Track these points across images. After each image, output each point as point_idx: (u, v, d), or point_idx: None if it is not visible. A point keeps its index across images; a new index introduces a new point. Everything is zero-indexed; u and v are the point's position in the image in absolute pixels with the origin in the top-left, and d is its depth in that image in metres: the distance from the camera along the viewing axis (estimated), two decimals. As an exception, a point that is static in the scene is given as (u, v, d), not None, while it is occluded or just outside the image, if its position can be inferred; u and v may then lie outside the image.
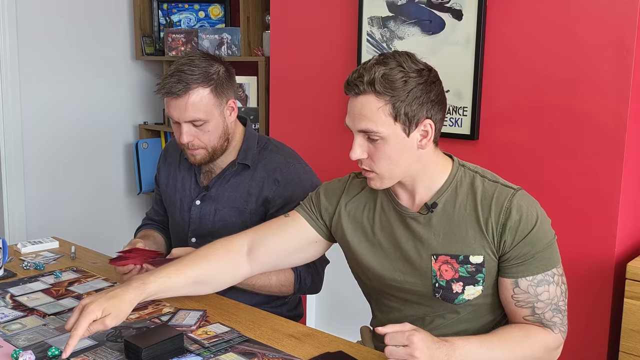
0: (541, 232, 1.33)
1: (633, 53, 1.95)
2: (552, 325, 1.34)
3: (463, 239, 1.36)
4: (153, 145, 3.60)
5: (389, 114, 1.30)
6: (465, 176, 1.40)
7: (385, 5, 2.46)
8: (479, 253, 1.35)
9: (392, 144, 1.32)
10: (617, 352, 1.98)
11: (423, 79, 1.31)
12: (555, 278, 1.35)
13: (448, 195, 1.39)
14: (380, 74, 1.29)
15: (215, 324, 1.50)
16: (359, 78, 1.31)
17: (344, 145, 2.68)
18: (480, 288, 1.37)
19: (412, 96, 1.29)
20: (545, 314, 1.34)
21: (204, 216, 1.87)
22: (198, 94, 1.71)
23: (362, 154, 1.35)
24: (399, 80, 1.29)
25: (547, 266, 1.34)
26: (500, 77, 2.22)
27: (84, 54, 3.41)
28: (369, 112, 1.30)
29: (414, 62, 1.32)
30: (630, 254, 2.11)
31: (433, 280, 1.39)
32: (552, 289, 1.34)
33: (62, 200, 3.41)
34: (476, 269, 1.36)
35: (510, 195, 1.35)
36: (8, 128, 3.15)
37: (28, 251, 2.04)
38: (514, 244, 1.33)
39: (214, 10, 3.55)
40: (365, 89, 1.30)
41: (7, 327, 1.49)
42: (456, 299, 1.38)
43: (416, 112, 1.31)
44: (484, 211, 1.35)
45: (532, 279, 1.33)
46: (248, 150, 1.85)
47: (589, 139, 2.05)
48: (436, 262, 1.38)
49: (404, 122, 1.31)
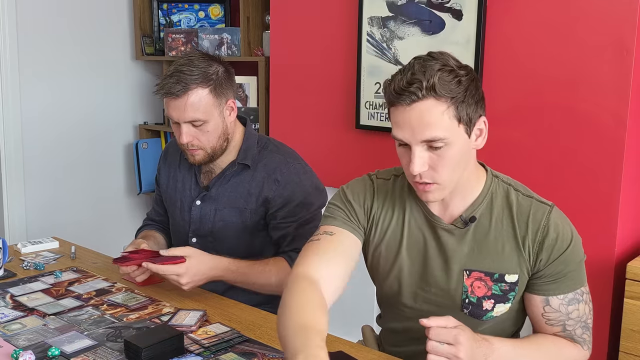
0: (574, 252, 1.32)
1: (633, 53, 1.95)
2: (582, 341, 1.35)
3: (499, 256, 1.31)
4: (153, 145, 3.60)
5: (453, 117, 1.21)
6: (499, 188, 1.34)
7: (385, 5, 2.46)
8: (514, 272, 1.31)
9: (457, 148, 1.23)
10: (617, 352, 1.98)
11: (471, 77, 1.24)
12: (585, 297, 1.34)
13: (484, 208, 1.32)
14: (437, 76, 1.19)
15: (215, 324, 1.50)
16: (415, 84, 1.19)
17: (344, 145, 2.69)
18: (509, 305, 1.34)
19: (469, 95, 1.22)
20: (576, 330, 1.34)
21: (204, 216, 1.87)
22: (197, 95, 1.71)
23: (423, 166, 1.23)
24: (453, 81, 1.20)
25: (576, 285, 1.33)
26: (500, 77, 2.22)
27: (84, 54, 3.41)
28: (433, 119, 1.19)
29: (456, 60, 1.25)
30: (630, 254, 2.11)
31: (463, 295, 1.33)
32: (581, 308, 1.33)
33: (62, 200, 3.40)
34: (510, 287, 1.32)
35: (547, 213, 1.30)
36: (8, 129, 3.15)
37: (28, 251, 2.04)
38: (549, 263, 1.30)
39: (214, 10, 3.55)
40: (425, 94, 1.19)
41: (7, 327, 1.49)
42: (485, 315, 1.33)
43: (474, 111, 1.24)
44: (521, 228, 1.30)
45: (563, 297, 1.32)
46: (248, 150, 1.85)
47: (589, 139, 2.05)
48: (469, 277, 1.32)
49: (466, 122, 1.23)
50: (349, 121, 2.64)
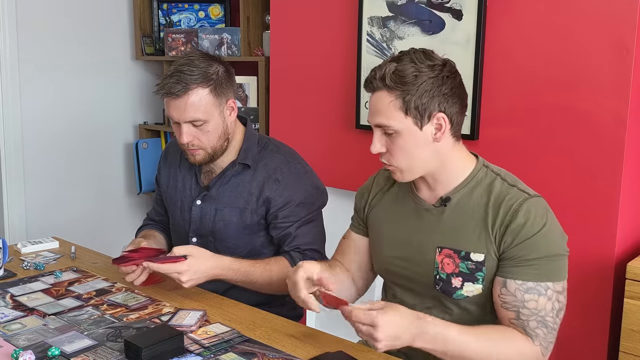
0: (545, 241, 1.32)
1: (633, 53, 1.95)
2: (534, 336, 1.32)
3: (468, 236, 1.38)
4: (153, 145, 3.60)
5: (399, 108, 1.34)
6: (487, 177, 1.42)
7: (385, 5, 2.46)
8: (481, 251, 1.36)
9: (406, 137, 1.36)
10: (617, 352, 1.97)
11: (435, 73, 1.34)
12: (549, 293, 1.32)
13: (465, 192, 1.41)
14: (392, 70, 1.34)
15: (215, 324, 1.50)
16: (373, 75, 1.37)
17: (344, 145, 2.69)
18: (480, 287, 1.37)
19: (422, 90, 1.33)
20: (529, 322, 1.32)
21: (204, 216, 1.87)
22: (197, 94, 1.71)
23: (381, 148, 1.40)
24: (410, 75, 1.32)
25: (541, 277, 1.31)
26: (500, 77, 2.22)
27: (84, 54, 3.41)
28: (382, 107, 1.36)
29: (428, 58, 1.35)
30: (630, 254, 2.10)
31: (435, 272, 1.42)
32: (541, 301, 1.31)
33: (62, 200, 3.40)
34: (476, 266, 1.37)
35: (522, 200, 1.34)
36: (8, 128, 3.15)
37: (28, 251, 2.04)
38: (512, 246, 1.32)
39: (214, 10, 3.55)
40: (378, 85, 1.35)
41: (7, 327, 1.49)
42: (454, 293, 1.39)
43: (427, 105, 1.34)
44: (494, 211, 1.36)
45: (521, 284, 1.31)
46: (248, 150, 1.85)
47: (589, 139, 2.05)
48: (440, 254, 1.41)
49: (414, 115, 1.34)
50: (349, 121, 2.64)
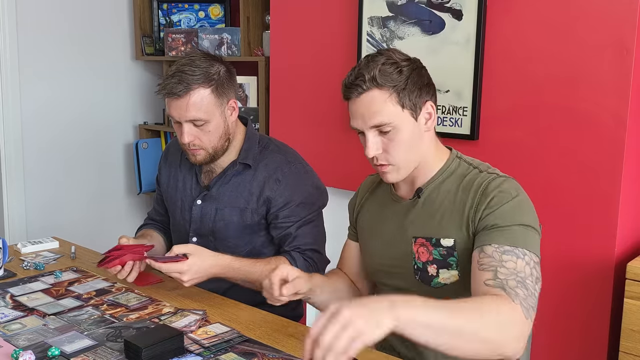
0: (515, 210, 1.31)
1: (633, 53, 1.95)
2: (514, 295, 1.19)
3: (438, 223, 1.41)
4: (153, 145, 3.60)
5: (396, 103, 1.36)
6: (459, 168, 1.45)
7: (385, 5, 2.46)
8: (450, 237, 1.38)
9: (405, 130, 1.37)
10: (617, 352, 1.98)
11: (413, 66, 1.39)
12: (526, 258, 1.25)
13: (437, 183, 1.44)
14: (378, 68, 1.35)
15: (215, 324, 1.51)
16: (359, 78, 1.36)
17: (344, 145, 2.69)
18: (456, 273, 1.39)
19: (411, 82, 1.37)
20: (508, 280, 1.22)
21: (204, 215, 1.87)
22: (199, 94, 1.71)
23: (377, 150, 1.39)
24: (396, 72, 1.36)
25: (518, 242, 1.27)
26: (500, 77, 2.22)
27: (84, 54, 3.41)
28: (378, 106, 1.35)
29: (400, 54, 1.41)
30: (630, 254, 2.10)
31: (413, 262, 1.44)
32: (520, 263, 1.24)
33: (62, 200, 3.41)
34: (447, 252, 1.39)
35: (490, 179, 1.37)
36: (8, 128, 3.15)
37: (28, 251, 2.04)
38: (485, 216, 1.33)
39: (214, 10, 3.55)
40: (369, 86, 1.35)
41: (7, 327, 1.49)
42: (432, 281, 1.41)
43: (417, 96, 1.38)
44: (464, 194, 1.39)
45: (498, 247, 1.27)
46: (249, 150, 1.85)
47: (589, 139, 2.05)
48: (415, 244, 1.44)
49: (410, 107, 1.37)
50: (349, 121, 2.64)
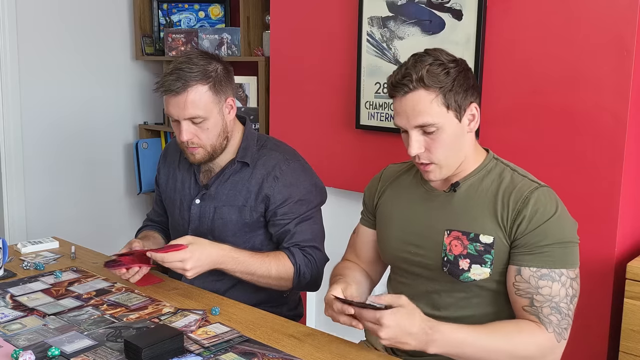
0: (557, 227, 1.35)
1: (633, 53, 1.95)
2: (547, 323, 1.33)
3: (477, 220, 1.42)
4: (153, 145, 3.60)
5: (442, 104, 1.38)
6: (496, 167, 1.48)
7: (385, 5, 2.46)
8: (490, 234, 1.39)
9: (448, 131, 1.40)
10: (617, 352, 1.98)
11: (460, 68, 1.41)
12: (563, 279, 1.34)
13: (475, 180, 1.46)
14: (425, 69, 1.37)
15: (215, 324, 1.50)
16: (407, 77, 1.38)
17: (344, 145, 2.69)
18: (488, 270, 1.40)
19: (457, 84, 1.39)
20: (543, 308, 1.33)
21: (203, 215, 1.87)
22: (197, 92, 1.71)
23: (419, 149, 1.42)
24: (442, 73, 1.38)
25: (555, 264, 1.34)
26: (500, 77, 2.22)
27: (84, 54, 3.41)
28: (424, 107, 1.38)
29: (447, 55, 1.43)
30: (630, 254, 2.10)
31: (443, 254, 1.44)
32: (555, 287, 1.33)
33: (62, 200, 3.41)
34: (485, 248, 1.39)
35: (533, 188, 1.39)
36: (8, 128, 3.15)
37: (28, 251, 2.04)
38: (526, 232, 1.36)
39: (214, 10, 3.55)
40: (415, 86, 1.37)
41: (7, 327, 1.49)
42: (462, 275, 1.41)
43: (463, 98, 1.40)
44: (504, 199, 1.40)
45: (535, 271, 1.34)
46: (247, 149, 1.85)
47: (589, 139, 2.05)
48: (448, 236, 1.44)
49: (455, 109, 1.40)
50: (349, 121, 2.64)
